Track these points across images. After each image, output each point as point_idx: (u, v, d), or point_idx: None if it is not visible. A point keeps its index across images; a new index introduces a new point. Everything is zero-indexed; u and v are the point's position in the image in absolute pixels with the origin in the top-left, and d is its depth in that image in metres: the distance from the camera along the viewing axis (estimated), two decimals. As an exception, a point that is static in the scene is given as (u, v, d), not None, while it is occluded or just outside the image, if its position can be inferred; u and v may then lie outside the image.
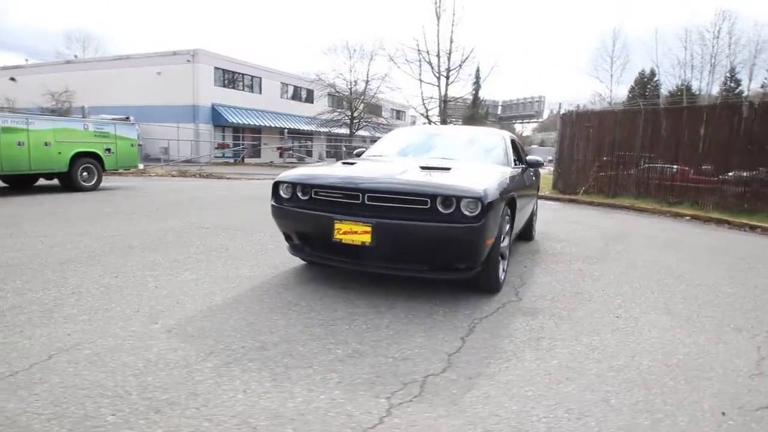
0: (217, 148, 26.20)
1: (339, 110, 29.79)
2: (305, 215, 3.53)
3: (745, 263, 5.62)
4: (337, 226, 3.32)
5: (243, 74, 29.82)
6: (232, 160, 26.86)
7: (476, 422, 1.95)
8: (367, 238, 3.24)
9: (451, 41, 17.49)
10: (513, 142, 5.18)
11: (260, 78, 30.79)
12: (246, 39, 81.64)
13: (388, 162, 4.25)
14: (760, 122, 10.98)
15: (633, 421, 2.03)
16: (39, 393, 1.98)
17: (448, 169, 3.76)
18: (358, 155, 5.55)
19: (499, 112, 58.17)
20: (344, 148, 30.11)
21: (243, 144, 28.27)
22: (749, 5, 55.12)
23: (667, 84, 44.10)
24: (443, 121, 19.21)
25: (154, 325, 2.79)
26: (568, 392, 2.26)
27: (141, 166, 13.20)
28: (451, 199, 3.20)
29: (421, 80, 19.45)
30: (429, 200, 3.24)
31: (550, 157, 72.27)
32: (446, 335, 2.85)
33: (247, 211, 7.63)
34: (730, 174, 11.32)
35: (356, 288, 3.66)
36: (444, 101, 18.57)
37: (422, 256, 3.33)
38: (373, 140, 33.91)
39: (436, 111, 20.47)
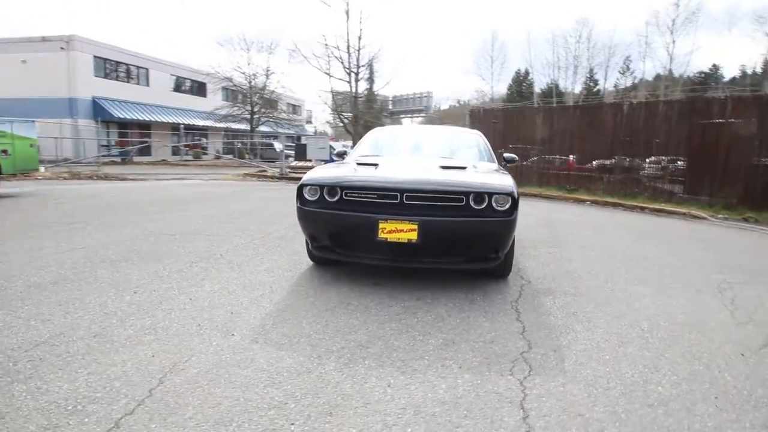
0: (114, 146, 23.61)
1: (237, 105, 28.53)
2: (344, 217, 3.61)
3: (661, 238, 6.78)
4: (381, 225, 3.46)
5: (128, 64, 27.13)
6: (119, 159, 24.39)
7: (593, 383, 2.31)
8: (413, 236, 3.43)
9: (360, 38, 17.81)
10: (486, 140, 5.66)
11: (147, 69, 28.25)
12: (131, 27, 73.36)
13: (405, 162, 4.44)
14: (636, 118, 13.02)
15: (692, 368, 2.54)
16: (192, 416, 1.92)
17: (464, 168, 4.08)
18: (340, 155, 5.62)
19: (390, 107, 60.03)
20: (239, 145, 28.95)
21: (131, 141, 25.75)
22: (605, 14, 63.49)
23: (540, 82, 49.07)
24: (355, 117, 19.51)
25: (232, 337, 2.72)
26: (632, 352, 2.72)
27: (42, 169, 11.54)
28: (484, 195, 3.53)
29: (329, 75, 19.51)
30: (464, 197, 3.53)
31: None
32: (503, 318, 3.18)
33: (198, 215, 7.21)
34: (595, 163, 13.41)
35: (387, 284, 3.82)
36: (355, 97, 18.87)
37: (460, 249, 3.62)
38: (272, 136, 33.09)
39: (340, 108, 20.87)
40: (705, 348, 2.83)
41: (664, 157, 14.12)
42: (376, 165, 4.08)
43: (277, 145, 28.87)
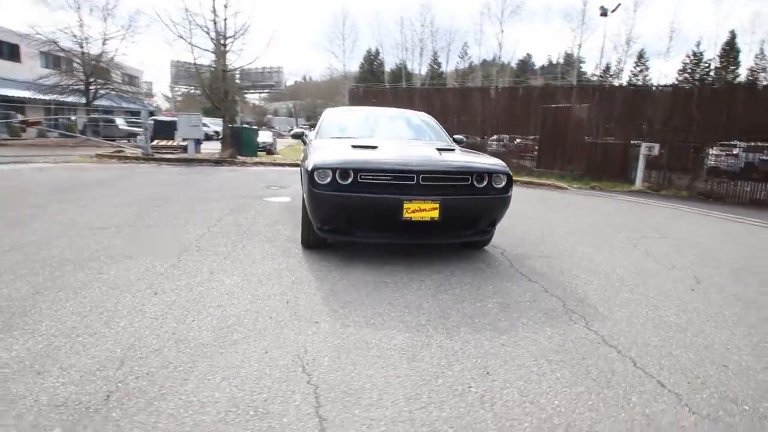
0: None
1: (65, 73, 24.21)
2: (367, 199, 3.70)
3: (549, 206, 8.07)
4: (406, 206, 3.67)
5: None
6: None
7: (630, 320, 2.94)
8: (435, 214, 3.72)
9: (226, 6, 16.55)
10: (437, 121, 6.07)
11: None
12: None
13: (404, 145, 4.62)
14: (504, 101, 14.83)
15: (677, 302, 3.36)
16: (388, 400, 2.01)
17: (453, 150, 4.45)
18: (296, 136, 5.52)
19: (238, 81, 56.82)
20: (74, 119, 24.82)
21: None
22: (447, 2, 68.23)
23: (390, 62, 51.24)
24: (225, 92, 18.18)
25: (318, 324, 2.72)
26: (628, 297, 3.46)
27: None
28: (486, 175, 3.96)
29: (192, 45, 17.78)
30: (470, 177, 3.92)
31: (290, 128, 74.32)
32: (521, 281, 3.70)
33: (105, 204, 6.30)
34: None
35: (396, 262, 4.04)
36: (224, 71, 17.59)
37: (470, 224, 4.01)
38: (109, 111, 28.83)
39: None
40: (669, 287, 3.72)
41: (505, 135, 16.38)
42: (374, 147, 4.21)
43: (119, 122, 25.55)
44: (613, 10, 26.49)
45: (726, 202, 10.06)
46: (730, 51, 43.42)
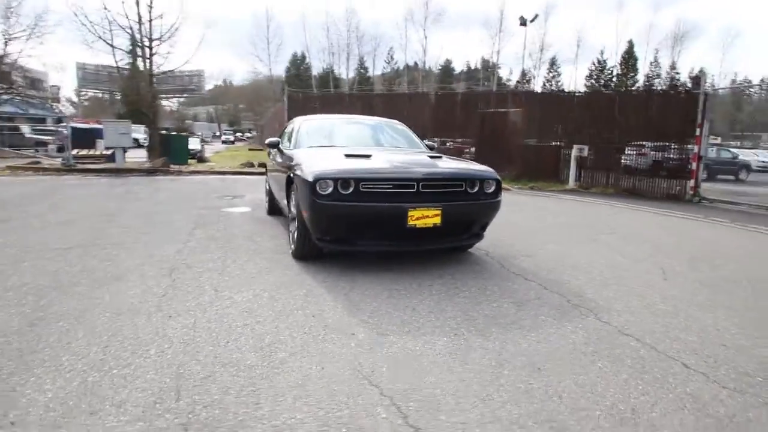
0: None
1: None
2: (372, 208, 3.73)
3: (550, 211, 8.52)
4: (410, 213, 3.75)
5: None
6: None
7: (629, 309, 3.24)
8: (437, 220, 3.84)
9: (151, 7, 15.56)
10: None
11: None
12: None
13: (397, 154, 4.68)
14: (440, 106, 15.37)
15: (695, 297, 3.74)
16: (466, 411, 2.08)
17: (440, 157, 4.59)
18: (273, 145, 5.40)
19: (155, 85, 53.67)
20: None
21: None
22: (370, 6, 69.00)
23: (317, 67, 50.94)
24: (153, 97, 17.09)
25: (355, 336, 2.73)
26: (617, 288, 3.79)
27: None
28: (476, 181, 4.15)
29: (113, 47, 16.51)
30: (463, 183, 4.09)
31: (217, 133, 71.24)
32: (520, 281, 3.91)
33: (44, 223, 5.77)
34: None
35: (396, 268, 4.11)
36: (150, 75, 16.50)
37: (465, 228, 4.17)
38: (11, 118, 25.90)
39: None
40: (644, 279, 4.12)
41: (436, 138, 17.03)
42: (368, 156, 4.25)
43: (25, 129, 23.23)
44: (532, 20, 28.42)
45: (646, 197, 11.19)
46: (629, 59, 48.11)
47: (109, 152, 15.72)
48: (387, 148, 5.13)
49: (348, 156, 4.24)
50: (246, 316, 2.98)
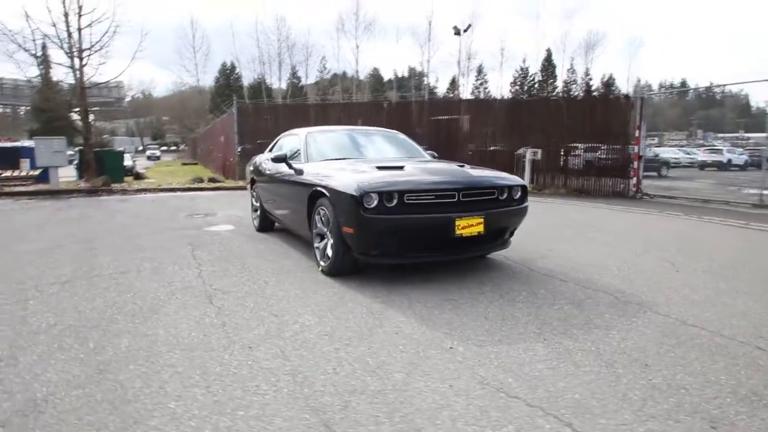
0: None
1: None
2: (422, 219, 3.74)
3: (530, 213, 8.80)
4: (457, 222, 3.79)
5: None
6: None
7: (689, 305, 3.50)
8: (481, 228, 3.91)
9: (80, 15, 14.35)
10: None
11: None
12: None
13: (432, 164, 4.74)
14: (395, 115, 15.54)
15: (716, 285, 4.05)
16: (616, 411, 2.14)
17: (464, 165, 4.67)
18: (280, 159, 5.18)
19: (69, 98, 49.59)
20: None
21: None
22: (302, 17, 68.09)
23: (248, 77, 49.51)
24: (85, 111, 15.70)
25: (453, 349, 2.71)
26: (614, 276, 4.07)
27: None
28: (506, 188, 4.28)
29: (36, 56, 15.02)
30: (496, 191, 4.20)
31: (140, 147, 67.05)
32: (554, 282, 4.07)
33: (20, 252, 5.16)
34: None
35: (434, 278, 4.12)
36: (82, 87, 15.18)
37: (499, 234, 4.27)
38: None
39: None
40: (659, 272, 4.44)
41: None
42: (401, 168, 4.24)
43: None
44: (465, 30, 29.63)
45: (595, 196, 12.06)
46: (548, 66, 51.49)
47: (37, 172, 14.33)
48: (410, 159, 5.13)
49: (381, 168, 4.20)
50: (328, 339, 2.85)
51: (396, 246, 3.84)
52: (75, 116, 16.63)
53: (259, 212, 6.52)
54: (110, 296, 3.68)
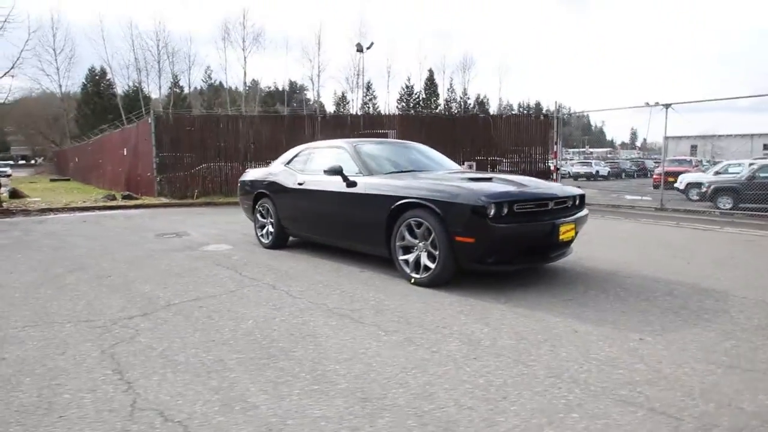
0: None
1: None
2: (537, 226, 4.03)
3: None
4: (561, 228, 4.14)
5: None
6: None
7: (740, 303, 4.23)
8: (573, 233, 4.31)
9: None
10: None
11: None
12: None
13: (512, 175, 4.95)
14: (328, 128, 15.48)
15: (735, 275, 4.87)
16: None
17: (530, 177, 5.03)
18: (335, 172, 5.02)
19: None
20: None
21: None
22: (185, 22, 63.14)
23: (122, 84, 44.71)
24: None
25: (640, 340, 3.02)
26: (610, 266, 4.81)
27: None
28: (578, 197, 4.73)
29: None
30: (571, 200, 4.63)
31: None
32: (609, 284, 4.61)
33: (6, 284, 4.29)
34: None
35: (507, 282, 4.40)
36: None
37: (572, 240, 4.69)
38: None
39: None
40: (678, 268, 5.24)
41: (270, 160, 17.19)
42: (490, 179, 4.47)
43: None
44: (368, 48, 30.47)
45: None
46: (431, 85, 55.02)
47: None
48: (457, 171, 5.35)
49: (472, 180, 4.39)
50: (431, 364, 2.83)
51: (511, 253, 4.04)
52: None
53: (272, 228, 6.17)
54: (184, 331, 3.30)
